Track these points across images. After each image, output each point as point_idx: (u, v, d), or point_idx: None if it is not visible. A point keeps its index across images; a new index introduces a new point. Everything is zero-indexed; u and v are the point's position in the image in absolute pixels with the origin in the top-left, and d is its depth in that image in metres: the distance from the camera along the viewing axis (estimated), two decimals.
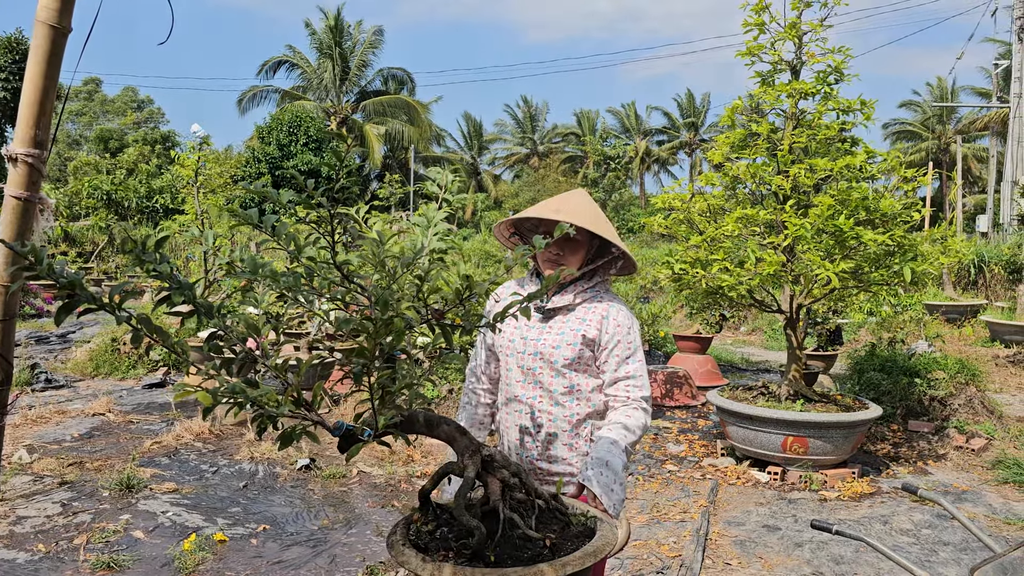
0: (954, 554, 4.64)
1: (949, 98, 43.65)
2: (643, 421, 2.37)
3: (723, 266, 5.74)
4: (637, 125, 53.76)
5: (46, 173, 2.04)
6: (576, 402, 2.44)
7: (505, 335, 2.52)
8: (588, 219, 2.39)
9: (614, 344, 2.41)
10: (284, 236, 1.55)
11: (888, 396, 7.62)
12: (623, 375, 2.41)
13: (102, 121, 49.85)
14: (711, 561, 4.51)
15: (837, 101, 6.07)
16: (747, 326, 16.01)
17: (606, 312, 2.44)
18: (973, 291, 18.05)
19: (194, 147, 10.08)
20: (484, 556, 1.64)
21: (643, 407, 2.38)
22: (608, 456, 2.23)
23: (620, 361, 2.41)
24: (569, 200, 2.47)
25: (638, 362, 2.43)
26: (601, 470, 2.19)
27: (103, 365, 9.80)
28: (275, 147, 31.20)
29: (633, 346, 2.43)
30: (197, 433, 6.78)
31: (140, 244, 1.48)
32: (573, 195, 2.52)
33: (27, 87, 1.93)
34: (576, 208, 2.42)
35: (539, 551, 1.70)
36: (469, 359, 2.70)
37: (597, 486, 2.15)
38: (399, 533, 1.76)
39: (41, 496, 5.20)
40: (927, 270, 5.73)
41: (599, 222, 2.43)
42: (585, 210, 2.43)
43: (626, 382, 2.41)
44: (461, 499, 1.69)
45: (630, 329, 2.44)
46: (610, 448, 2.25)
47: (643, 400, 2.39)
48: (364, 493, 5.54)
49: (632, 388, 2.40)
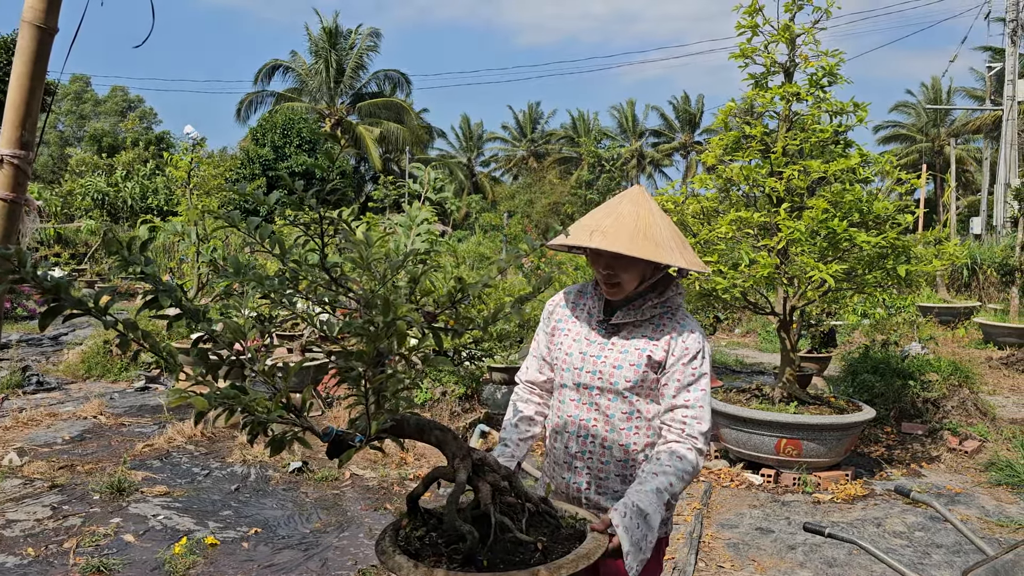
0: (947, 556, 4.64)
1: (943, 100, 43.79)
2: (693, 466, 2.12)
3: (717, 268, 5.74)
4: (633, 126, 53.84)
5: (31, 174, 2.02)
6: (635, 430, 2.24)
7: (562, 347, 2.34)
8: (625, 238, 2.11)
9: (678, 368, 2.18)
10: (269, 238, 1.54)
11: (882, 398, 7.62)
12: (682, 403, 2.17)
13: (94, 121, 49.70)
14: (704, 564, 4.50)
15: (830, 104, 6.07)
16: (741, 328, 16.02)
17: (676, 332, 2.21)
18: (966, 293, 18.11)
19: (187, 148, 10.05)
20: (477, 561, 1.63)
21: (698, 447, 2.14)
22: (649, 508, 1.96)
23: (681, 387, 2.17)
24: (614, 211, 2.21)
25: (701, 391, 2.18)
26: (638, 522, 1.92)
27: (95, 367, 9.76)
28: (269, 149, 31.15)
29: (698, 373, 2.19)
30: (189, 436, 6.74)
31: (125, 245, 1.46)
32: (623, 202, 2.25)
33: (13, 88, 1.92)
34: (617, 224, 2.15)
35: (531, 555, 1.69)
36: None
37: (628, 541, 1.87)
38: (388, 539, 1.74)
39: (31, 499, 5.17)
40: (921, 270, 5.75)
41: (642, 239, 2.13)
42: (626, 225, 2.15)
43: (684, 411, 2.16)
44: (452, 504, 1.68)
45: (698, 354, 2.19)
46: (652, 499, 1.99)
47: (701, 437, 2.14)
48: (357, 496, 5.52)
49: (690, 420, 2.15)
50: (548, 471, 2.42)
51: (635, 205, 2.22)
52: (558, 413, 2.34)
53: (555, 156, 50.58)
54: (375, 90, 42.96)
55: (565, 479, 2.32)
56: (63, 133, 51.21)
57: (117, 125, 45.13)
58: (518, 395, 2.46)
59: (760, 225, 6.08)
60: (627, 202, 2.24)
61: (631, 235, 2.12)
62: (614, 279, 2.21)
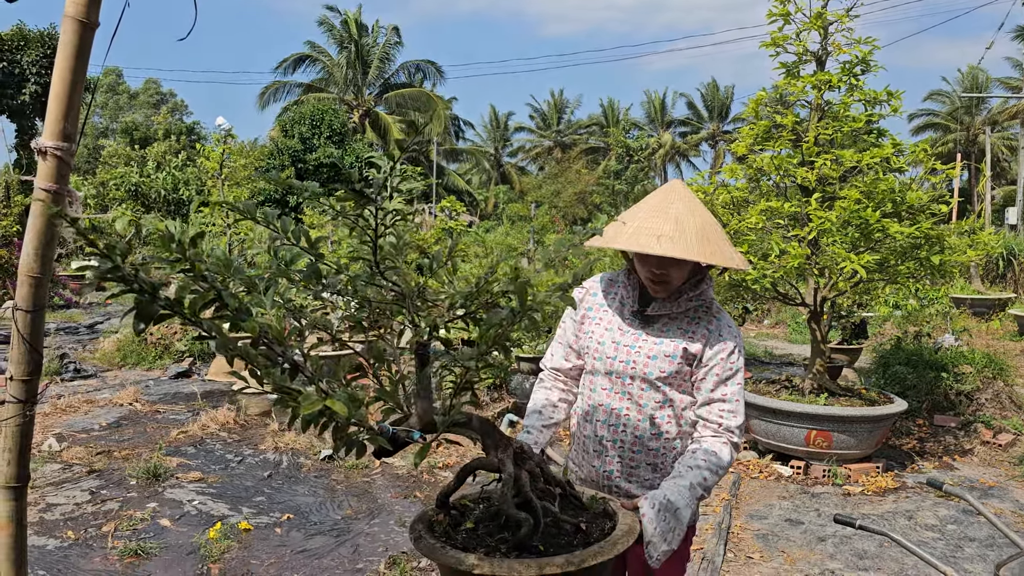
0: (980, 550, 4.60)
1: (980, 88, 42.92)
2: (728, 460, 2.15)
3: (747, 259, 5.70)
4: (661, 116, 53.46)
5: (74, 166, 2.07)
6: (667, 419, 2.26)
7: (593, 336, 2.33)
8: (695, 244, 2.11)
9: (716, 362, 2.21)
10: (292, 231, 1.52)
11: (913, 390, 7.54)
12: (719, 397, 2.20)
13: (127, 113, 50.38)
14: (733, 555, 4.50)
15: (863, 92, 5.99)
16: (770, 319, 15.90)
17: (713, 326, 2.24)
18: (1001, 284, 17.80)
19: (219, 139, 10.18)
20: (532, 547, 1.62)
21: (733, 440, 2.18)
22: (680, 501, 1.98)
23: (719, 382, 2.20)
24: (665, 212, 2.17)
25: (736, 385, 2.22)
26: (666, 515, 1.94)
27: (130, 355, 9.94)
28: (298, 140, 31.37)
29: (735, 368, 2.22)
30: (222, 423, 6.85)
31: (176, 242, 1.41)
32: (672, 202, 2.22)
33: (56, 81, 1.96)
34: (679, 229, 2.13)
35: (573, 535, 1.70)
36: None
37: (656, 532, 1.90)
38: (428, 534, 1.69)
39: (70, 484, 5.29)
40: (955, 260, 5.67)
41: (706, 243, 2.13)
42: (688, 229, 2.14)
43: (721, 405, 2.20)
44: (507, 494, 1.68)
45: (735, 349, 2.23)
46: (684, 494, 2.01)
47: (736, 431, 2.19)
48: (387, 484, 5.58)
49: (726, 414, 2.19)
50: (575, 458, 2.42)
51: (685, 204, 2.20)
52: (588, 400, 2.34)
53: (582, 146, 50.39)
54: (403, 80, 42.98)
55: (595, 466, 2.32)
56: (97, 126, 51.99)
57: (150, 118, 45.71)
58: (542, 382, 2.47)
59: (791, 215, 6.03)
60: (677, 201, 2.21)
61: (698, 240, 2.12)
62: (665, 278, 2.21)
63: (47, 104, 1.97)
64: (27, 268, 1.99)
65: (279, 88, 41.69)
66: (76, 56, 1.95)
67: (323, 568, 4.15)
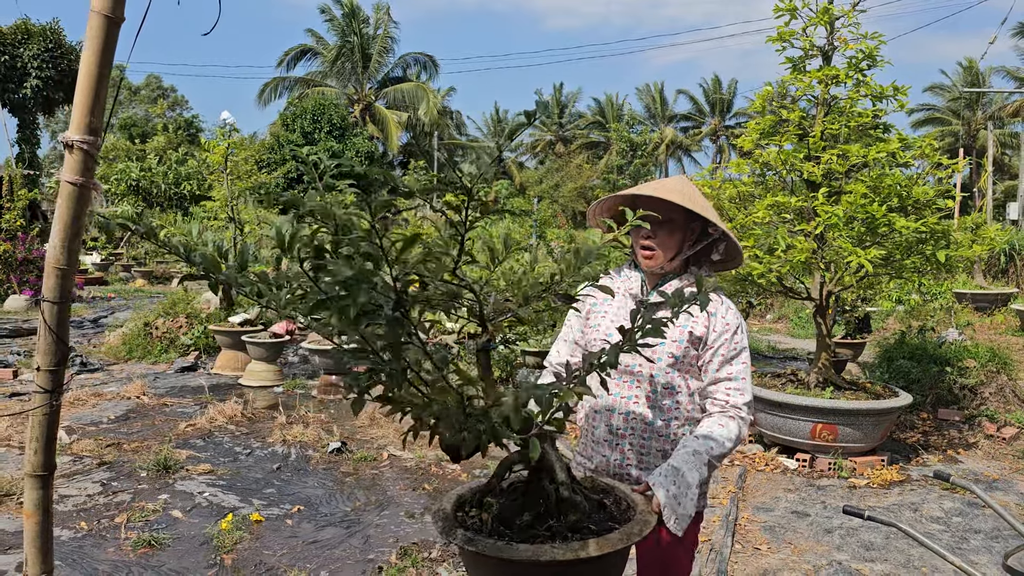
0: (985, 541, 4.63)
1: (981, 82, 42.82)
2: (736, 432, 2.20)
3: (753, 253, 5.73)
4: (663, 111, 53.35)
5: (99, 159, 2.09)
6: (676, 405, 2.30)
7: (600, 329, 2.38)
8: (675, 192, 2.26)
9: (720, 343, 2.27)
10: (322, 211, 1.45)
11: (918, 384, 7.57)
12: (725, 376, 2.26)
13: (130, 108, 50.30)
14: (740, 546, 4.53)
15: (870, 87, 6.01)
16: (773, 314, 15.92)
17: (715, 308, 2.30)
18: (1003, 280, 17.83)
19: (224, 133, 10.19)
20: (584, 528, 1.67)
21: (741, 415, 2.23)
22: (683, 465, 2.04)
23: (724, 361, 2.27)
24: (665, 182, 2.35)
25: (742, 364, 2.28)
26: (673, 479, 2.00)
27: (136, 349, 9.97)
28: (299, 134, 31.38)
29: (739, 347, 2.28)
30: (230, 416, 6.89)
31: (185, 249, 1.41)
32: (671, 178, 2.41)
33: (82, 76, 1.98)
34: (672, 187, 2.29)
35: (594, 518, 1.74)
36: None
37: (663, 495, 1.95)
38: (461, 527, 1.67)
39: (81, 476, 5.33)
40: (961, 255, 5.69)
41: (695, 200, 2.27)
42: (681, 189, 2.29)
43: (727, 384, 2.26)
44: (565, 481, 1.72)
45: (738, 328, 2.30)
46: (688, 458, 2.07)
47: (744, 407, 2.24)
48: (395, 476, 5.61)
49: (733, 392, 2.25)
50: (584, 450, 2.45)
51: (681, 181, 2.37)
52: (597, 392, 2.32)
53: (582, 140, 50.33)
54: (400, 75, 42.87)
55: (606, 457, 2.35)
56: None
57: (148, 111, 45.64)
58: (546, 377, 2.48)
59: (797, 210, 6.05)
60: (675, 179, 2.40)
61: (680, 193, 2.27)
62: (651, 247, 2.33)
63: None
64: (54, 260, 2.01)
65: (279, 84, 41.63)
66: (102, 51, 1.97)
67: (335, 559, 4.19)
